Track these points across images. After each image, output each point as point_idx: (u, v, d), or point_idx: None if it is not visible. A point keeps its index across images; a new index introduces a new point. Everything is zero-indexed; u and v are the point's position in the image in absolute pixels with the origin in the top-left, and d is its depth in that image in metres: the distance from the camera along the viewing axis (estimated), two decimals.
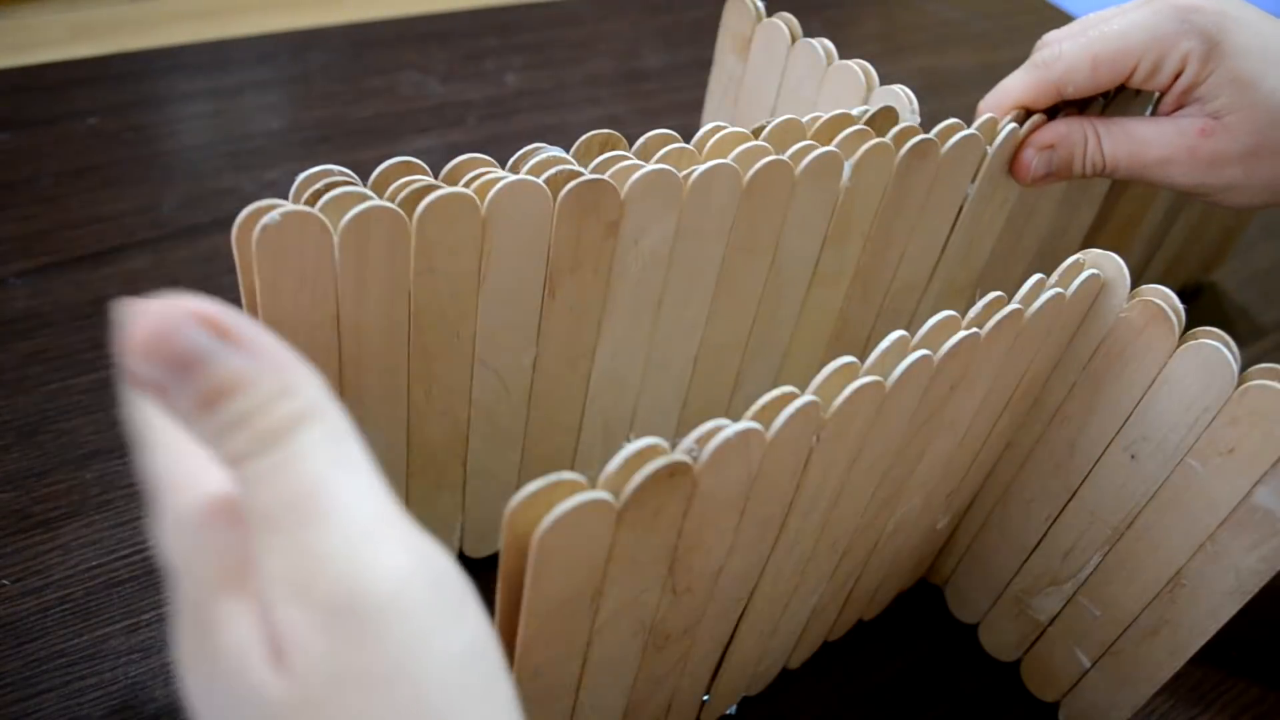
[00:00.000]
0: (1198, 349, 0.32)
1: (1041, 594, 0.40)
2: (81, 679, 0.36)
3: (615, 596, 0.26)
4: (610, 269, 0.34)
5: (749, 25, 0.45)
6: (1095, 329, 0.35)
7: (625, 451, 0.23)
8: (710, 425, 0.24)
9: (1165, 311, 0.33)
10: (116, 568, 0.39)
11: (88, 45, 0.70)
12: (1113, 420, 0.35)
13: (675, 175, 0.33)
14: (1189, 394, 0.33)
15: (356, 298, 0.31)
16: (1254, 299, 0.65)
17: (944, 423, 0.33)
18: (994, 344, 0.31)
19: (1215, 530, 0.33)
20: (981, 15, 0.95)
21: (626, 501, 0.23)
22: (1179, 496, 0.34)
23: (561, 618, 0.25)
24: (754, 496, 0.27)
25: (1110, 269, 0.34)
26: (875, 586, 0.41)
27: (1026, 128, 0.40)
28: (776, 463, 0.26)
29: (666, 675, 0.32)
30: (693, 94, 0.65)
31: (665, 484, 0.23)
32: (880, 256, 0.41)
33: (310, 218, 0.28)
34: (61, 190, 0.57)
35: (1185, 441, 0.33)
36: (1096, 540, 0.37)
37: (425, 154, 0.31)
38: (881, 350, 0.28)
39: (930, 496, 0.37)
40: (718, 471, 0.25)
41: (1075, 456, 0.37)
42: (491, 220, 0.31)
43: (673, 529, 0.25)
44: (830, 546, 0.34)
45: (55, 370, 0.47)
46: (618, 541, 0.24)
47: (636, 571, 0.25)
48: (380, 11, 0.78)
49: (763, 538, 0.30)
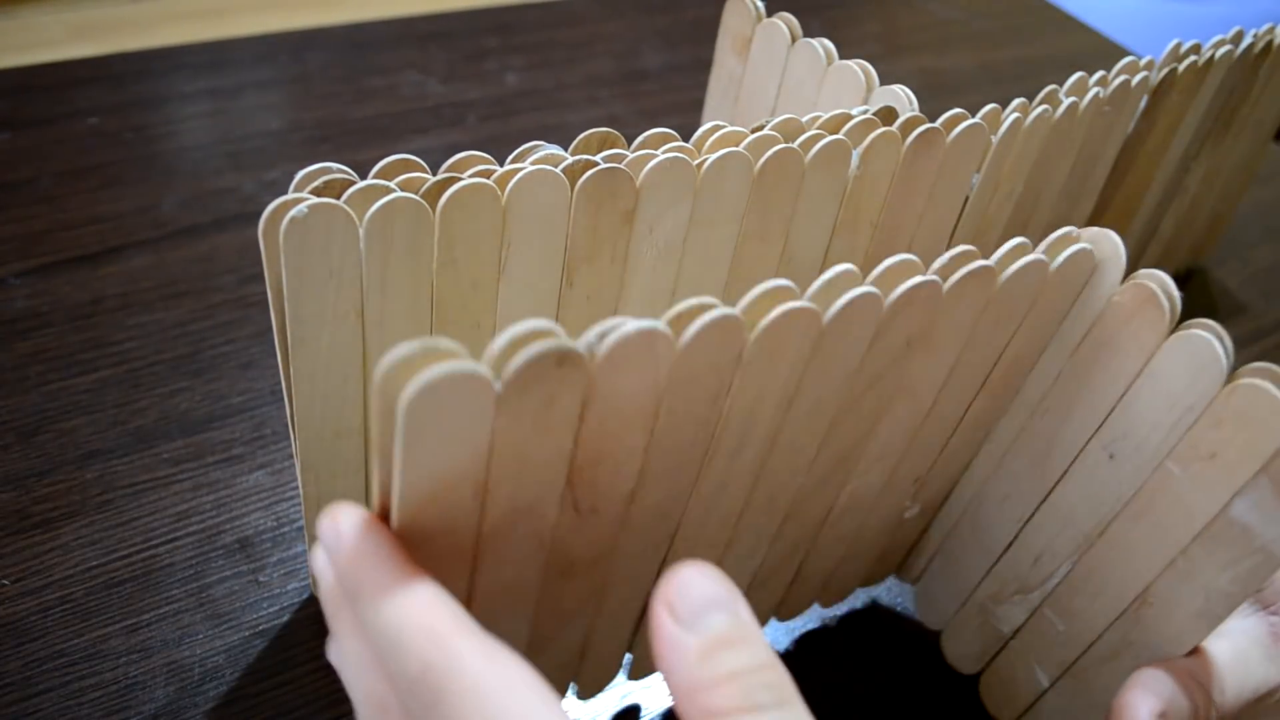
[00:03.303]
0: (1187, 340, 0.29)
1: (1008, 602, 0.37)
2: (81, 679, 0.36)
3: (504, 496, 0.23)
4: (626, 257, 0.35)
5: (749, 25, 0.45)
6: (1085, 313, 0.32)
7: (511, 331, 0.21)
8: (614, 322, 0.22)
9: (1157, 296, 0.30)
10: (116, 568, 0.39)
11: (88, 45, 0.70)
12: (1094, 415, 0.32)
13: (689, 163, 0.33)
14: (1174, 390, 0.30)
15: (380, 290, 0.31)
16: (1254, 298, 0.65)
17: (901, 385, 0.30)
18: (960, 301, 0.28)
19: (1188, 545, 0.31)
20: (981, 15, 0.95)
21: (507, 383, 0.21)
22: (1154, 503, 0.31)
23: (440, 504, 0.22)
24: (666, 414, 0.25)
25: (1106, 247, 0.31)
26: (831, 568, 0.39)
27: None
28: (690, 379, 0.24)
29: (577, 610, 0.30)
30: (693, 94, 0.65)
31: (553, 373, 0.21)
32: (888, 245, 0.41)
33: (337, 210, 0.28)
34: (61, 190, 0.57)
35: (1166, 442, 0.30)
36: (1068, 547, 0.35)
37: (425, 154, 0.31)
38: (825, 280, 0.25)
39: (893, 475, 0.35)
40: (617, 371, 0.22)
41: (1054, 453, 0.34)
42: (512, 210, 0.31)
43: (567, 430, 0.23)
44: (768, 501, 0.32)
45: (55, 370, 0.47)
46: (500, 429, 0.22)
47: (527, 471, 0.23)
48: (380, 11, 0.78)
49: (681, 469, 0.27)
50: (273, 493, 0.43)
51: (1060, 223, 0.49)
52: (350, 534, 0.21)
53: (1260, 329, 0.62)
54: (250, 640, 0.38)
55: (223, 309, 0.51)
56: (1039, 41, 0.92)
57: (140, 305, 0.51)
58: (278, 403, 0.47)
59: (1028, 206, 0.45)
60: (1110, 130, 0.47)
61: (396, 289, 0.31)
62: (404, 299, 0.32)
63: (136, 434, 0.45)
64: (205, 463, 0.44)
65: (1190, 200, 0.59)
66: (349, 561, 0.21)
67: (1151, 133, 0.50)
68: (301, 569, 0.41)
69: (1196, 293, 0.65)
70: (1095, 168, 0.48)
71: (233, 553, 0.41)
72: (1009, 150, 0.41)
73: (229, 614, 0.39)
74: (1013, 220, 0.45)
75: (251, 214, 0.57)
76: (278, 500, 0.43)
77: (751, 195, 0.35)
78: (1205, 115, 0.53)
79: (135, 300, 0.51)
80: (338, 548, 0.22)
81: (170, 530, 0.41)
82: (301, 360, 0.31)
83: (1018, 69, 0.87)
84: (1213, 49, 0.49)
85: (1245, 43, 0.51)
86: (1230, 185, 0.63)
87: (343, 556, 0.21)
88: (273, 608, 0.39)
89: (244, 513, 0.42)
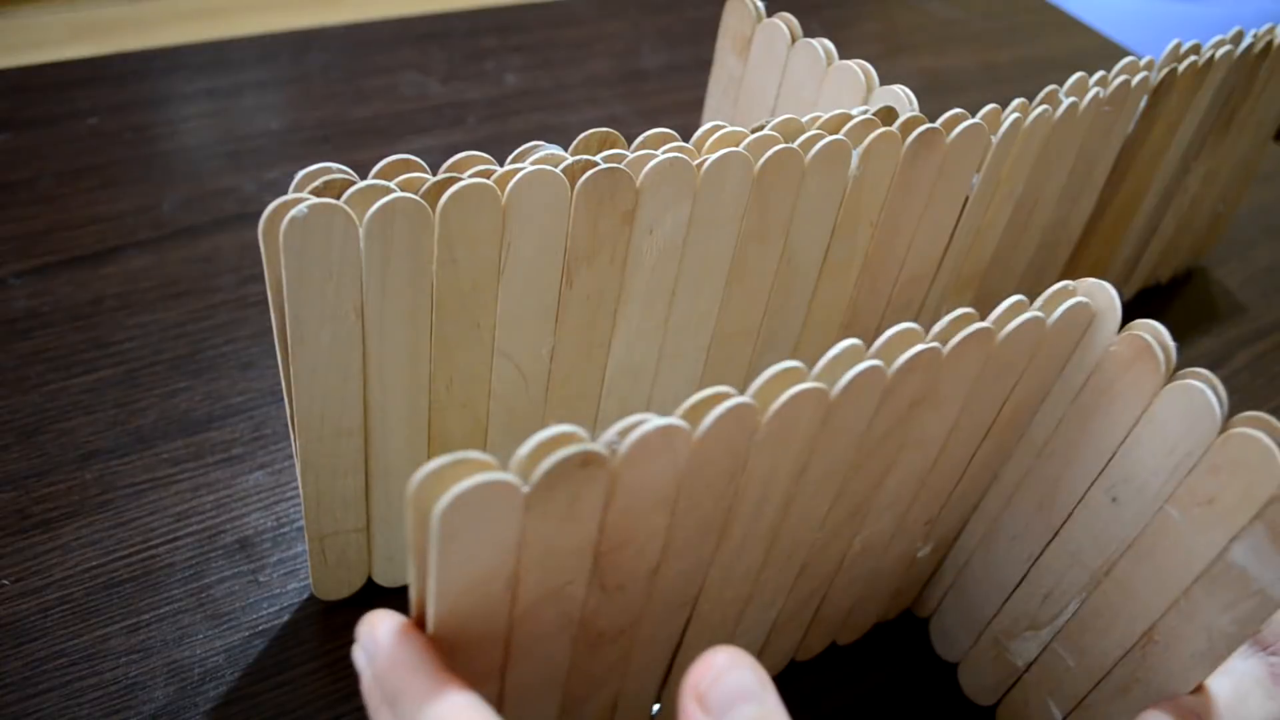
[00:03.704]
0: (1182, 390, 0.30)
1: (1020, 638, 0.38)
2: (81, 679, 0.36)
3: (534, 584, 0.25)
4: (626, 258, 0.35)
5: (749, 25, 0.45)
6: (1085, 361, 0.33)
7: (537, 436, 0.22)
8: (634, 419, 0.23)
9: (1152, 347, 0.31)
10: (116, 568, 0.40)
11: (88, 45, 0.70)
12: (1097, 459, 0.34)
13: (689, 163, 0.33)
14: (1172, 437, 0.31)
15: (380, 290, 0.31)
16: (1254, 298, 0.65)
17: (909, 441, 0.32)
18: (961, 362, 0.30)
19: (1190, 586, 0.32)
20: (981, 15, 0.95)
21: (534, 487, 0.22)
22: (1156, 546, 0.32)
23: (474, 599, 0.24)
24: (686, 496, 0.26)
25: (1102, 299, 0.32)
26: (848, 608, 0.40)
27: None
28: (708, 463, 0.26)
29: (605, 676, 0.31)
30: (693, 94, 0.65)
31: (577, 473, 0.23)
32: (888, 246, 0.41)
33: (337, 210, 0.28)
34: (61, 190, 0.57)
35: (1166, 487, 0.32)
36: (1075, 585, 0.36)
37: (425, 154, 0.31)
38: (831, 357, 0.27)
39: (904, 520, 0.36)
40: (638, 466, 0.24)
41: (1059, 494, 0.35)
42: (511, 210, 0.31)
43: (593, 520, 0.24)
44: (785, 558, 0.33)
45: (55, 370, 0.47)
46: (529, 527, 0.23)
47: (555, 559, 0.25)
48: (380, 11, 0.78)
49: (703, 540, 0.29)
50: (273, 493, 0.43)
51: (1060, 221, 0.49)
52: (387, 642, 0.23)
53: (1260, 329, 0.62)
54: (250, 640, 0.38)
55: (223, 309, 0.51)
56: (1039, 41, 0.92)
57: (140, 305, 0.51)
58: (278, 403, 0.47)
59: (1028, 206, 0.45)
60: (1110, 130, 0.47)
61: (396, 289, 0.31)
62: (404, 299, 0.32)
63: (136, 434, 0.45)
64: (205, 463, 0.44)
65: (1190, 200, 0.59)
66: (387, 669, 0.23)
67: (1151, 133, 0.50)
68: (301, 569, 0.41)
69: (1196, 293, 0.65)
70: (1095, 168, 0.48)
71: (233, 553, 0.41)
72: (1009, 150, 0.41)
73: (229, 614, 0.39)
74: (1013, 220, 0.45)
75: (251, 214, 0.57)
76: (278, 500, 0.43)
77: (751, 195, 0.35)
78: (1205, 115, 0.53)
79: (135, 300, 0.51)
80: (375, 654, 0.23)
81: (170, 530, 0.41)
82: (301, 360, 0.31)
83: (1018, 69, 0.87)
84: (1213, 49, 0.49)
85: (1245, 43, 0.51)
86: (1230, 185, 0.63)
87: (381, 664, 0.23)
88: (273, 608, 0.39)
89: (244, 513, 0.42)
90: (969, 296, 0.48)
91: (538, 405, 0.38)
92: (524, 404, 0.37)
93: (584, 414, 0.40)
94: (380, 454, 0.36)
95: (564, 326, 0.35)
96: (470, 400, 0.36)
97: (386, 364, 0.33)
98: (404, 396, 0.34)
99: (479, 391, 0.36)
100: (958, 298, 0.47)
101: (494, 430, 0.38)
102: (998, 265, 0.47)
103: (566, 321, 0.35)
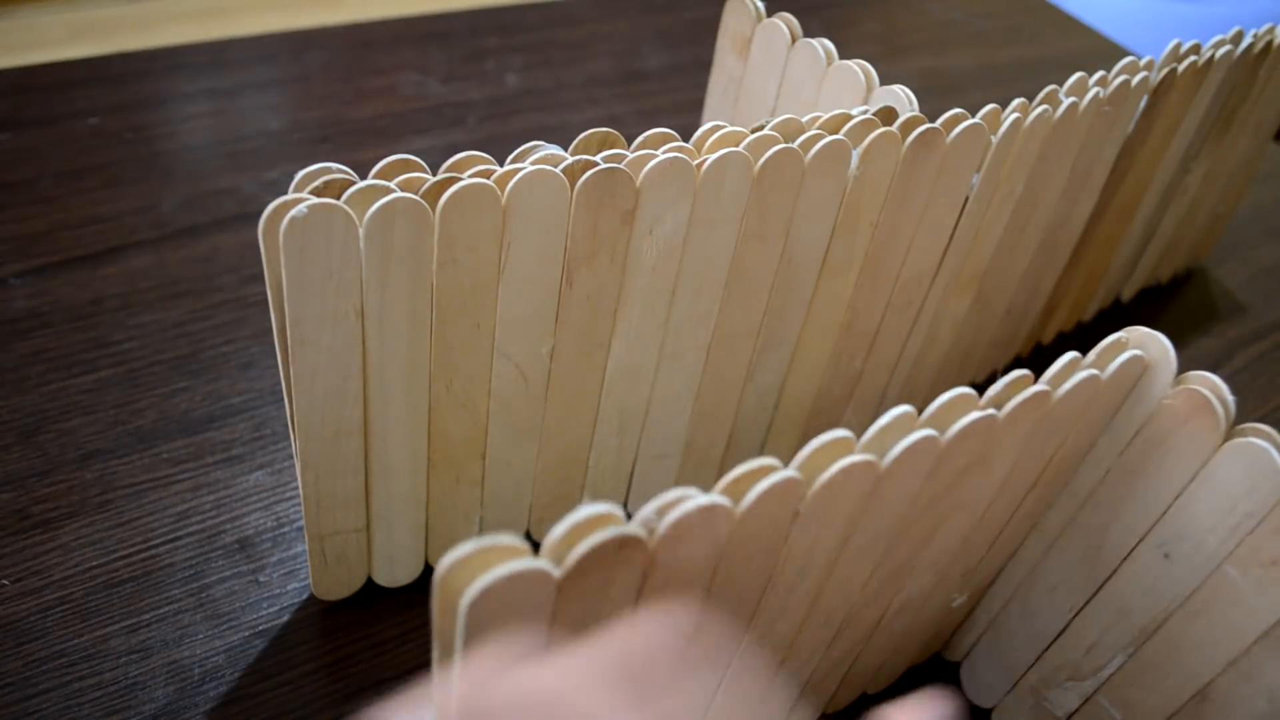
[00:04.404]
0: (1244, 449, 0.29)
1: (1060, 688, 0.38)
2: (81, 679, 0.36)
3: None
4: (626, 258, 0.35)
5: (749, 25, 0.45)
6: (1136, 413, 0.32)
7: (573, 518, 0.21)
8: (674, 495, 0.22)
9: (1212, 403, 0.30)
10: (116, 568, 0.39)
11: (88, 45, 0.70)
12: (1148, 514, 0.33)
13: (689, 164, 0.33)
14: (1231, 495, 0.30)
15: (381, 290, 0.31)
16: (1254, 298, 0.65)
17: (957, 503, 0.31)
18: (1016, 425, 0.29)
19: (1250, 647, 0.31)
20: (981, 15, 0.95)
21: (567, 570, 0.21)
22: (1213, 605, 0.31)
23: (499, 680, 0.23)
24: (724, 572, 0.25)
25: (1155, 350, 0.31)
26: (881, 663, 0.39)
27: None
28: (749, 539, 0.25)
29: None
30: (693, 94, 0.65)
31: (613, 556, 0.22)
32: (888, 246, 0.41)
33: (337, 210, 0.28)
34: (61, 190, 0.57)
35: (1224, 546, 0.31)
36: (1122, 639, 0.35)
37: (425, 154, 0.31)
38: (881, 426, 0.26)
39: (944, 574, 0.35)
40: (677, 546, 0.23)
41: (1105, 547, 0.34)
42: (511, 210, 0.31)
43: (627, 599, 0.24)
44: (823, 621, 0.32)
45: (55, 370, 0.47)
46: (561, 610, 0.22)
47: (587, 636, 0.24)
48: (380, 11, 0.78)
49: (738, 612, 0.28)
50: (273, 493, 0.43)
51: (1060, 221, 0.49)
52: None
53: (1260, 329, 0.62)
54: (250, 640, 0.38)
55: (223, 309, 0.51)
56: (1039, 41, 0.92)
57: (140, 305, 0.51)
58: (278, 403, 0.47)
59: (1028, 206, 0.45)
60: (1110, 130, 0.47)
61: (396, 289, 0.31)
62: (404, 299, 0.32)
63: (136, 434, 0.45)
64: (205, 463, 0.44)
65: (1190, 200, 0.59)
66: None
67: (1151, 133, 0.50)
68: (301, 569, 0.41)
69: (1196, 293, 0.65)
70: (1095, 168, 0.48)
71: (233, 553, 0.41)
72: (1009, 150, 0.41)
73: (229, 614, 0.39)
74: (1013, 220, 0.45)
75: (251, 214, 0.57)
76: (278, 500, 0.43)
77: (751, 195, 0.35)
78: (1205, 115, 0.53)
79: (135, 300, 0.51)
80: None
81: (170, 530, 0.41)
82: (302, 360, 0.31)
83: (1018, 69, 0.87)
84: (1213, 49, 0.49)
85: (1245, 43, 0.51)
86: (1230, 185, 0.63)
87: None
88: (273, 608, 0.39)
89: (244, 513, 0.42)
90: (969, 297, 0.48)
91: (538, 405, 0.38)
92: (524, 404, 0.37)
93: (584, 413, 0.40)
94: (380, 454, 0.36)
95: (564, 326, 0.35)
96: (470, 400, 0.36)
97: (386, 364, 0.33)
98: (404, 396, 0.34)
99: (479, 391, 0.36)
100: (958, 298, 0.47)
101: (494, 430, 0.38)
102: (998, 265, 0.47)
103: (566, 321, 0.35)
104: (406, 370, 0.34)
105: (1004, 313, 0.52)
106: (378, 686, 0.37)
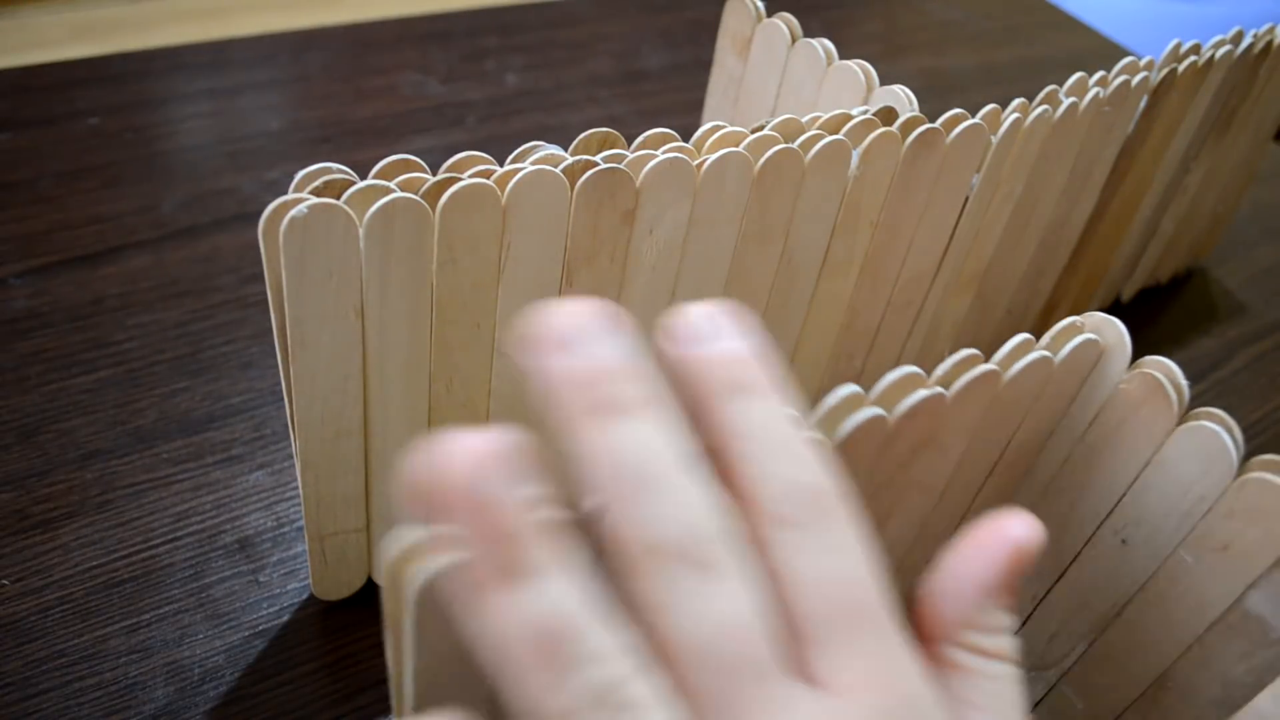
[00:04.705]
0: (1196, 432, 0.29)
1: (1024, 679, 0.38)
2: (81, 679, 0.36)
3: None
4: (626, 258, 0.35)
5: (749, 25, 0.45)
6: (1093, 399, 0.32)
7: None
8: None
9: (1164, 386, 0.30)
10: (116, 568, 0.39)
11: (88, 45, 0.70)
12: (1105, 499, 0.33)
13: (689, 164, 0.33)
14: (1185, 480, 0.30)
15: (381, 290, 0.31)
16: (1254, 298, 0.65)
17: (910, 483, 0.31)
18: (966, 405, 0.29)
19: (1204, 633, 0.31)
20: (981, 15, 0.95)
21: None
22: (1169, 591, 0.31)
23: (453, 663, 0.22)
24: None
25: (1111, 335, 0.31)
26: None
27: None
28: None
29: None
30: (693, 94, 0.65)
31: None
32: (888, 246, 0.41)
33: (337, 210, 0.28)
34: (61, 190, 0.57)
35: (1179, 531, 0.31)
36: (1083, 627, 0.35)
37: (425, 154, 0.31)
38: (830, 405, 0.26)
39: (904, 562, 0.35)
40: None
41: (1066, 534, 0.34)
42: (512, 210, 0.31)
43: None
44: None
45: (55, 370, 0.47)
46: None
47: None
48: (380, 11, 0.78)
49: None
50: (273, 493, 0.43)
51: (1060, 221, 0.49)
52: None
53: (1260, 329, 0.62)
54: (250, 640, 0.38)
55: (223, 309, 0.51)
56: (1039, 41, 0.92)
57: (140, 305, 0.51)
58: (278, 403, 0.47)
59: (1028, 206, 0.45)
60: (1110, 130, 0.47)
61: (396, 289, 0.31)
62: (404, 299, 0.32)
63: (136, 434, 0.45)
64: (205, 463, 0.44)
65: (1190, 200, 0.59)
66: None
67: (1151, 133, 0.50)
68: (301, 569, 0.41)
69: (1196, 293, 0.65)
70: (1095, 168, 0.48)
71: (233, 553, 0.41)
72: (1009, 150, 0.41)
73: (229, 614, 0.39)
74: (1013, 220, 0.45)
75: (251, 214, 0.57)
76: (278, 500, 0.43)
77: (751, 195, 0.35)
78: (1205, 115, 0.53)
79: (135, 300, 0.51)
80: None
81: (170, 530, 0.41)
82: (302, 360, 0.31)
83: (1018, 69, 0.87)
84: (1213, 49, 0.49)
85: (1245, 43, 0.51)
86: (1230, 185, 0.63)
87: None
88: (273, 608, 0.39)
89: (244, 513, 0.42)
90: (969, 296, 0.48)
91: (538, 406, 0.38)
92: (524, 405, 0.37)
93: None
94: (380, 454, 0.36)
95: None
96: (470, 400, 0.36)
97: (386, 364, 0.33)
98: (404, 396, 0.34)
99: (479, 391, 0.36)
100: (958, 298, 0.47)
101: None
102: (998, 265, 0.47)
103: None
104: (406, 370, 0.34)
105: (1004, 312, 0.52)
106: (378, 686, 0.37)
